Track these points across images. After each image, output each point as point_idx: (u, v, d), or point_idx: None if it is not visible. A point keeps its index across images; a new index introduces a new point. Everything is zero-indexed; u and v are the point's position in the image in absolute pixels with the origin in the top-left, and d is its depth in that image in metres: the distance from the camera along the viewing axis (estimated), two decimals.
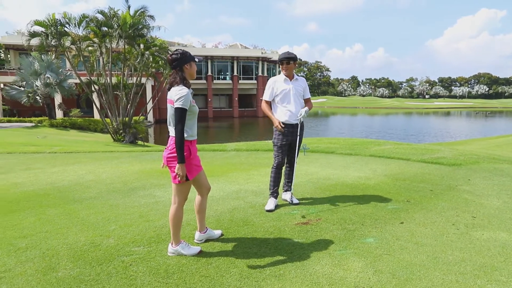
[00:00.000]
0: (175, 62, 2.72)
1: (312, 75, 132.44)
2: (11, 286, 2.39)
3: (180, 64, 2.72)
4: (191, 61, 2.77)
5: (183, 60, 2.73)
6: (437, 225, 3.40)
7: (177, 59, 2.71)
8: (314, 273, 2.50)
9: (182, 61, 2.73)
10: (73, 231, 3.37)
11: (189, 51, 2.84)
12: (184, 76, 2.72)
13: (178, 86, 2.69)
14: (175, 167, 2.66)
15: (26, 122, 25.43)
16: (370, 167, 6.26)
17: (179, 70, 2.72)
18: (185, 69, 2.74)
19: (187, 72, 2.76)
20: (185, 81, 2.72)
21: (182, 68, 2.73)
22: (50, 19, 14.87)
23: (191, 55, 2.79)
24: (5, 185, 5.39)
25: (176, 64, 2.72)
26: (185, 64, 2.74)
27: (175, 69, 2.74)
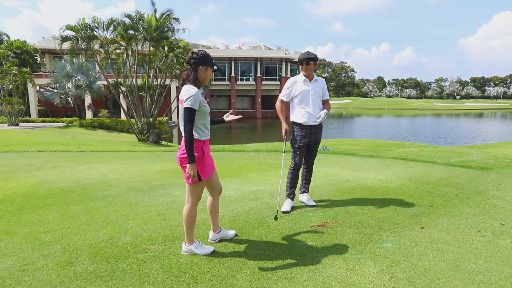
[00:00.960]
0: (192, 60, 2.73)
1: (336, 75, 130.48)
2: (32, 278, 2.50)
3: (197, 63, 2.73)
4: (208, 65, 2.77)
5: (202, 61, 2.73)
6: (460, 232, 3.24)
7: (197, 58, 2.72)
8: (327, 277, 2.44)
9: (200, 62, 2.73)
10: (93, 227, 3.48)
11: (213, 52, 2.88)
12: (196, 76, 2.73)
13: (188, 85, 2.71)
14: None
15: (58, 122, 26.66)
16: (392, 169, 6.07)
17: (193, 69, 2.73)
18: (199, 70, 2.74)
19: (200, 73, 2.76)
20: (196, 81, 2.73)
21: (197, 68, 2.74)
22: (80, 24, 15.56)
23: (211, 61, 2.79)
24: (35, 182, 5.65)
25: (193, 62, 2.73)
26: (201, 66, 2.74)
27: (191, 66, 2.74)
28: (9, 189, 5.17)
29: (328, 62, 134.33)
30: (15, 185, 5.38)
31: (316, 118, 3.91)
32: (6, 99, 24.43)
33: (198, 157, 2.72)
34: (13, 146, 10.38)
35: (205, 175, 2.79)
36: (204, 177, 2.78)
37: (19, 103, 25.00)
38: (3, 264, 2.72)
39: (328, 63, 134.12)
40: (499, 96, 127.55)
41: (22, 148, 9.72)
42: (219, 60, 47.73)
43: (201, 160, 2.74)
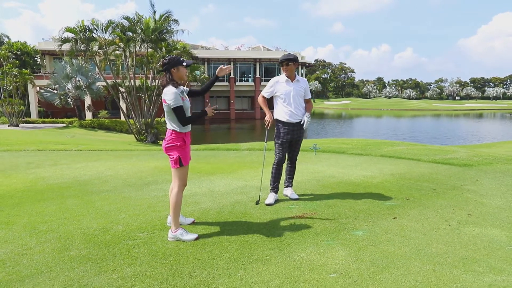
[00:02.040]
0: (164, 66, 3.11)
1: (336, 76, 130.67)
2: (30, 261, 2.73)
3: (168, 67, 3.09)
4: (178, 65, 3.11)
5: (171, 64, 3.09)
6: (429, 221, 3.48)
7: (166, 63, 3.10)
8: (298, 259, 2.68)
9: (170, 65, 3.09)
10: (87, 218, 3.72)
11: (212, 53, 3.19)
12: (171, 78, 3.09)
13: (168, 87, 3.06)
14: (173, 155, 3.11)
15: (58, 123, 26.92)
16: (378, 166, 6.31)
17: (167, 73, 3.09)
18: (172, 72, 3.10)
19: (175, 74, 3.11)
20: (173, 82, 3.08)
21: (170, 71, 3.09)
22: (79, 26, 15.85)
23: (179, 60, 3.13)
24: (34, 178, 5.89)
25: (165, 68, 3.10)
26: (173, 68, 3.09)
27: (164, 72, 3.11)
28: (9, 184, 5.41)
29: (328, 63, 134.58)
30: (15, 181, 5.62)
31: (303, 126, 4.17)
32: (7, 100, 24.70)
33: (180, 145, 3.12)
34: (13, 146, 10.63)
35: (186, 161, 3.19)
36: (185, 163, 3.17)
37: (19, 104, 25.28)
38: (3, 250, 2.96)
39: (328, 64, 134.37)
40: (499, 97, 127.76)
41: (22, 148, 9.97)
42: (218, 61, 48.02)
43: (183, 149, 3.14)
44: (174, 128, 3.16)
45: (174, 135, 3.15)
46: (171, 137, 3.15)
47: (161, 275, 2.48)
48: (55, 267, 2.62)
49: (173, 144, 3.14)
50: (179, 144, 3.13)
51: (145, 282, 2.39)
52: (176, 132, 3.15)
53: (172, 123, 3.16)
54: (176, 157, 3.13)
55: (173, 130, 3.16)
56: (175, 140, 3.14)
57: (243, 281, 2.38)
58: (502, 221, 3.49)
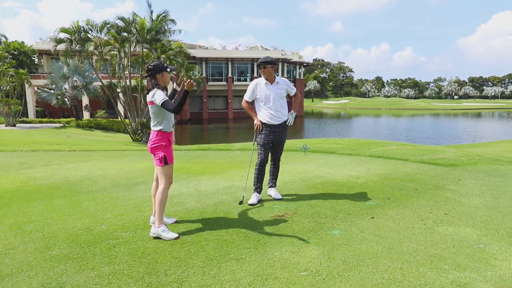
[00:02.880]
0: (149, 72, 3.30)
1: (334, 76, 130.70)
2: (12, 260, 2.81)
3: (153, 73, 3.29)
4: (162, 71, 3.30)
5: (155, 70, 3.29)
6: (405, 221, 3.57)
7: (151, 69, 3.29)
8: (272, 258, 2.76)
9: (154, 72, 3.28)
10: (73, 218, 3.79)
11: (210, 53, 3.30)
12: (156, 83, 3.29)
13: (153, 90, 3.25)
14: (159, 154, 3.29)
15: (55, 122, 26.95)
16: (365, 166, 6.39)
17: (152, 78, 3.28)
18: (157, 77, 3.29)
19: (159, 79, 3.31)
20: (158, 86, 3.27)
21: (155, 77, 3.28)
22: (74, 27, 15.92)
23: (163, 66, 3.32)
24: (25, 179, 5.96)
25: (150, 74, 3.29)
26: (157, 74, 3.29)
27: (150, 77, 3.30)
28: (0, 185, 5.48)
29: (327, 62, 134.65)
30: (5, 182, 5.70)
31: (287, 125, 4.29)
32: (3, 100, 24.73)
33: (165, 145, 3.30)
34: (8, 146, 10.70)
35: (171, 160, 3.35)
36: (170, 162, 3.33)
37: (16, 104, 25.30)
38: None
39: (327, 63, 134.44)
40: (497, 96, 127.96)
41: (16, 148, 10.04)
42: (216, 61, 48.13)
43: (168, 148, 3.31)
44: (160, 129, 3.31)
45: (160, 136, 3.33)
46: (156, 137, 3.32)
47: (138, 273, 2.57)
48: (35, 266, 2.70)
49: (159, 144, 3.32)
50: (165, 144, 3.31)
51: (121, 280, 2.48)
52: (161, 133, 3.33)
53: (158, 124, 3.32)
54: (161, 156, 3.31)
55: (159, 131, 3.32)
56: (160, 140, 3.31)
57: (216, 279, 2.47)
58: (476, 220, 3.58)
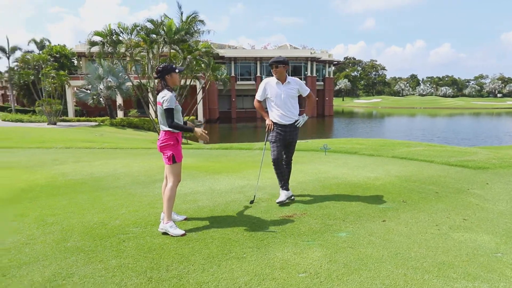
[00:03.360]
0: (158, 74, 3.39)
1: (366, 74, 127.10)
2: (31, 250, 3.01)
3: (162, 75, 3.38)
4: (171, 72, 3.40)
5: (164, 72, 3.38)
6: (419, 225, 3.43)
7: (160, 71, 3.39)
8: (273, 258, 2.76)
9: (163, 73, 3.38)
10: (91, 212, 3.99)
11: (239, 53, 3.38)
12: (166, 84, 3.39)
13: (163, 91, 3.34)
14: (167, 153, 3.39)
15: (91, 121, 28.41)
16: (385, 168, 6.19)
17: (162, 80, 3.38)
18: (166, 78, 3.39)
19: (168, 80, 3.40)
20: (168, 87, 3.37)
21: (164, 78, 3.38)
22: (107, 30, 16.71)
23: (171, 68, 3.41)
24: (55, 174, 6.34)
25: (159, 75, 3.39)
26: (166, 75, 3.38)
27: (159, 79, 3.39)
28: (33, 180, 5.87)
29: (358, 61, 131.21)
30: (38, 177, 6.09)
31: (296, 124, 4.26)
32: (46, 100, 26.42)
33: (173, 144, 3.39)
34: (45, 143, 11.42)
35: (179, 158, 3.44)
36: (178, 160, 3.43)
37: (57, 104, 26.93)
38: (12, 239, 3.27)
39: (358, 61, 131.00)
40: None
41: (52, 145, 10.70)
42: (245, 60, 48.46)
43: (176, 147, 3.41)
44: (168, 129, 3.40)
45: (168, 135, 3.43)
46: (165, 137, 3.42)
47: (141, 267, 2.66)
48: (50, 256, 2.87)
49: (167, 143, 3.42)
50: (173, 143, 3.41)
51: (125, 273, 2.58)
52: (169, 132, 3.43)
53: (166, 124, 3.41)
54: (170, 154, 3.41)
55: (167, 131, 3.42)
56: (168, 139, 3.42)
57: (214, 276, 2.51)
58: (498, 228, 3.37)
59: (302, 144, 9.33)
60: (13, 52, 40.48)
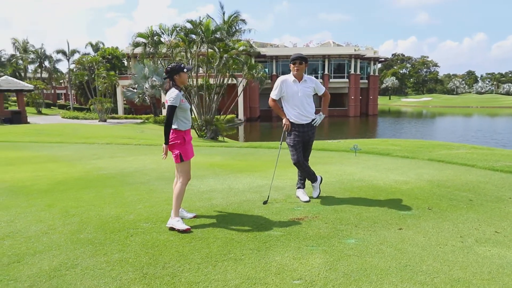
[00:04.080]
0: (167, 74, 3.44)
1: (416, 71, 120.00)
2: (48, 239, 3.20)
3: (171, 75, 3.42)
4: (180, 72, 3.42)
5: (173, 72, 3.42)
6: (440, 235, 3.12)
7: (169, 71, 3.44)
8: (270, 262, 2.67)
9: (172, 73, 3.42)
10: (110, 206, 4.17)
11: (280, 51, 3.39)
12: (174, 83, 3.42)
13: (171, 90, 3.39)
14: (175, 151, 3.42)
15: (137, 119, 29.97)
16: (418, 171, 5.77)
17: (170, 79, 3.42)
18: (175, 78, 3.42)
19: (177, 80, 3.44)
20: (175, 86, 3.41)
21: (173, 78, 3.42)
22: (149, 31, 17.51)
23: (180, 67, 3.44)
24: (90, 168, 6.74)
25: (168, 75, 3.44)
26: (175, 75, 3.42)
27: (168, 78, 3.45)
28: (69, 173, 6.29)
29: (407, 57, 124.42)
30: (74, 170, 6.52)
31: (313, 125, 4.13)
32: (97, 99, 28.35)
33: (180, 143, 3.43)
34: (89, 139, 12.22)
35: (186, 157, 3.46)
36: (185, 159, 3.45)
37: (107, 102, 28.79)
38: (35, 227, 3.50)
39: (407, 58, 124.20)
40: None
41: (95, 141, 11.42)
42: (286, 59, 48.03)
43: (183, 146, 3.43)
44: (175, 127, 3.44)
45: (175, 134, 3.46)
46: (172, 135, 3.45)
47: (140, 263, 2.71)
48: (62, 247, 3.03)
49: (174, 142, 3.45)
50: (179, 141, 3.44)
51: (123, 268, 2.64)
52: (176, 131, 3.45)
53: (173, 123, 3.44)
54: (177, 153, 3.45)
55: (174, 129, 3.45)
56: (175, 138, 3.45)
57: (206, 277, 2.48)
58: None
59: (332, 144, 9.03)
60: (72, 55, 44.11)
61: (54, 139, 12.70)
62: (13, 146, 11.06)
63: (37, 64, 51.97)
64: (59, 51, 44.20)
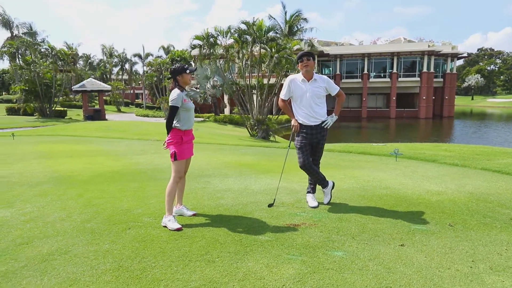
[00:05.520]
0: (171, 74, 3.57)
1: (508, 67, 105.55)
2: (61, 225, 3.52)
3: (174, 76, 3.53)
4: (182, 73, 3.51)
5: (176, 73, 3.53)
6: (447, 257, 2.70)
7: (172, 72, 3.55)
8: (241, 267, 2.58)
9: (175, 74, 3.53)
10: (128, 199, 4.44)
11: (344, 49, 3.44)
12: (177, 84, 3.52)
13: (174, 90, 3.48)
14: (171, 150, 3.53)
15: (199, 117, 31.50)
16: (462, 181, 5.07)
17: (174, 80, 3.53)
18: (178, 79, 3.52)
19: (180, 80, 3.54)
20: (178, 87, 3.50)
21: (176, 78, 3.52)
22: (204, 33, 18.26)
23: (182, 68, 3.53)
24: (131, 163, 7.27)
25: (172, 76, 3.56)
26: (177, 76, 3.52)
27: (172, 78, 3.57)
28: (112, 166, 6.87)
29: (497, 52, 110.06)
30: (117, 164, 7.09)
31: (324, 127, 3.90)
32: (164, 98, 30.49)
33: (177, 142, 3.51)
34: (145, 135, 13.20)
35: (181, 156, 3.53)
36: (179, 158, 3.52)
37: None
38: (56, 214, 3.88)
39: (497, 52, 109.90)
40: None
41: (148, 137, 12.29)
42: (351, 57, 46.17)
43: (179, 145, 3.52)
44: (175, 126, 3.53)
45: (174, 133, 3.57)
46: (171, 134, 3.56)
47: (122, 255, 2.83)
48: (67, 233, 3.31)
49: (171, 140, 3.57)
50: (176, 141, 3.53)
51: (105, 258, 2.78)
52: (176, 130, 3.55)
53: (174, 122, 3.54)
54: (172, 152, 3.54)
55: (174, 128, 3.54)
56: (173, 137, 3.55)
57: (172, 275, 2.49)
58: None
59: (375, 148, 8.41)
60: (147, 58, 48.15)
61: (116, 135, 14.01)
62: (81, 140, 12.47)
63: (119, 67, 57.89)
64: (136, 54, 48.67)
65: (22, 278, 2.51)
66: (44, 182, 5.50)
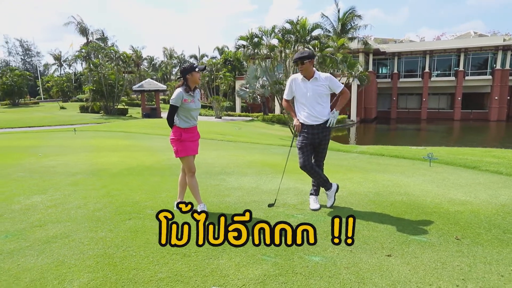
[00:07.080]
0: (181, 73, 3.70)
1: None
2: (74, 213, 3.86)
3: (184, 75, 3.65)
4: (192, 72, 3.62)
5: (185, 72, 3.64)
6: (435, 272, 2.45)
7: (181, 71, 3.68)
8: (211, 263, 2.61)
9: (185, 73, 3.64)
10: (143, 192, 4.70)
11: (403, 46, 3.64)
12: (186, 83, 3.63)
13: (177, 89, 3.63)
14: (173, 146, 3.75)
15: (249, 116, 31.98)
16: (497, 192, 4.51)
17: (183, 79, 3.65)
18: (187, 78, 3.63)
19: (189, 80, 3.64)
20: (186, 86, 3.62)
21: (185, 77, 3.63)
22: (249, 34, 18.48)
23: (191, 67, 3.64)
24: (163, 159, 7.65)
25: (181, 75, 3.69)
26: (187, 75, 3.63)
27: (181, 77, 3.68)
28: (144, 161, 7.31)
29: None
30: (150, 159, 7.53)
31: (327, 126, 3.76)
32: (215, 98, 31.51)
33: (177, 139, 3.69)
34: None
35: (183, 153, 3.72)
36: (181, 155, 3.72)
37: (223, 101, 31.74)
38: (77, 202, 4.26)
39: None
40: None
41: None
42: (411, 55, 43.22)
43: (179, 142, 3.70)
44: (176, 124, 3.68)
45: (175, 130, 3.73)
46: (172, 131, 3.75)
47: (112, 243, 3.03)
48: (77, 219, 3.63)
49: (172, 137, 3.72)
50: (176, 138, 3.69)
51: (97, 245, 3.00)
52: (176, 128, 3.73)
53: (176, 120, 3.68)
54: (174, 149, 3.73)
55: (175, 125, 3.68)
56: (174, 134, 3.73)
57: (145, 266, 2.60)
58: None
59: (411, 151, 7.80)
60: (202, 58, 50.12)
61: (160, 132, 14.84)
62: (129, 136, 13.45)
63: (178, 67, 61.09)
64: (192, 55, 50.86)
65: (22, 256, 2.82)
66: (80, 173, 6.05)
